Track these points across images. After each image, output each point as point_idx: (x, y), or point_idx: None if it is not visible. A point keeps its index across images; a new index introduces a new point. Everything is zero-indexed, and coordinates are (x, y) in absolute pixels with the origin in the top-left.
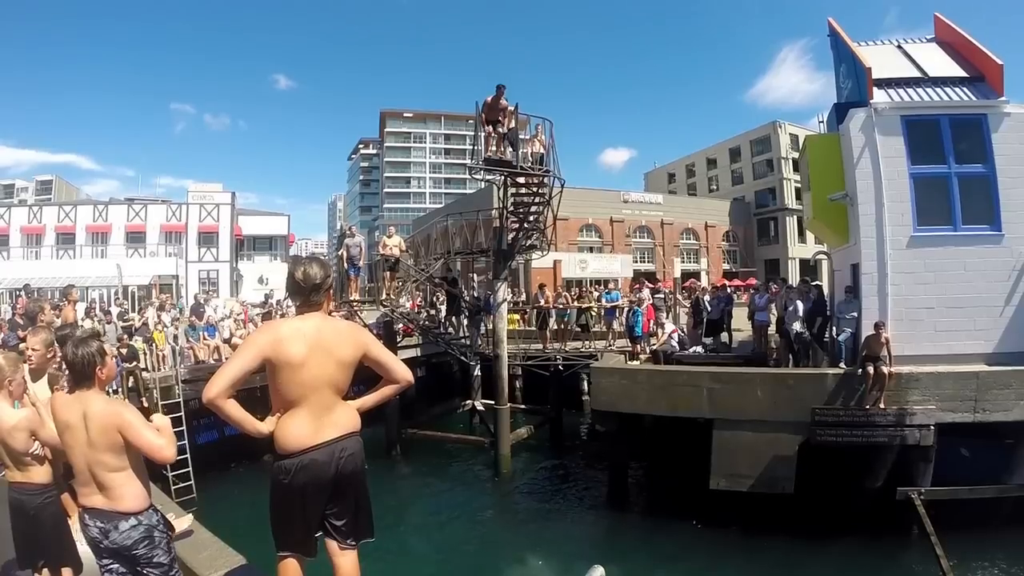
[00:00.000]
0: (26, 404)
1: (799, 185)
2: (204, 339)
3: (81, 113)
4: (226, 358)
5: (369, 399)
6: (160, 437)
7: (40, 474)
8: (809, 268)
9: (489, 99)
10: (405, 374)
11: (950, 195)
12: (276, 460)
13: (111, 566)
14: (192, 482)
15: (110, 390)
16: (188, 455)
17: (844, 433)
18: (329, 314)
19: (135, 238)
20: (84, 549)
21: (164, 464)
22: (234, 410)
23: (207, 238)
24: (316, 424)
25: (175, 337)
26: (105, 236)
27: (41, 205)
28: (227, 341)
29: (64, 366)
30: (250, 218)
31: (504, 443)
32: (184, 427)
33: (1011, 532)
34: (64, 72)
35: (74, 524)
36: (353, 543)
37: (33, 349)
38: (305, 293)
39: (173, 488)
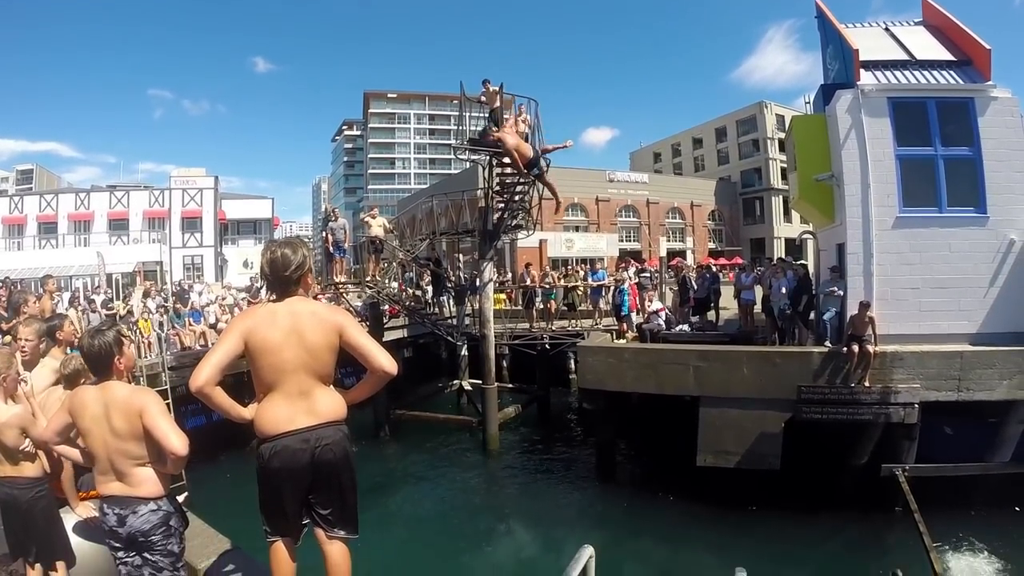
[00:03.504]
0: (20, 399)
1: (785, 165)
2: (189, 325)
3: (59, 100)
4: (212, 344)
5: (356, 392)
6: (175, 428)
7: (31, 468)
8: (795, 248)
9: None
10: (383, 363)
11: (936, 177)
12: (258, 445)
13: (126, 558)
14: (182, 470)
15: None
16: None
17: (829, 411)
18: (314, 297)
19: (118, 225)
20: (77, 541)
21: (174, 456)
22: (221, 397)
23: (191, 223)
24: (291, 410)
25: (160, 324)
26: (87, 224)
27: (22, 195)
28: (213, 326)
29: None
30: (234, 202)
31: (492, 422)
32: (172, 413)
33: (993, 510)
34: (40, 58)
35: (67, 518)
36: (340, 533)
37: (27, 340)
38: (276, 275)
39: None
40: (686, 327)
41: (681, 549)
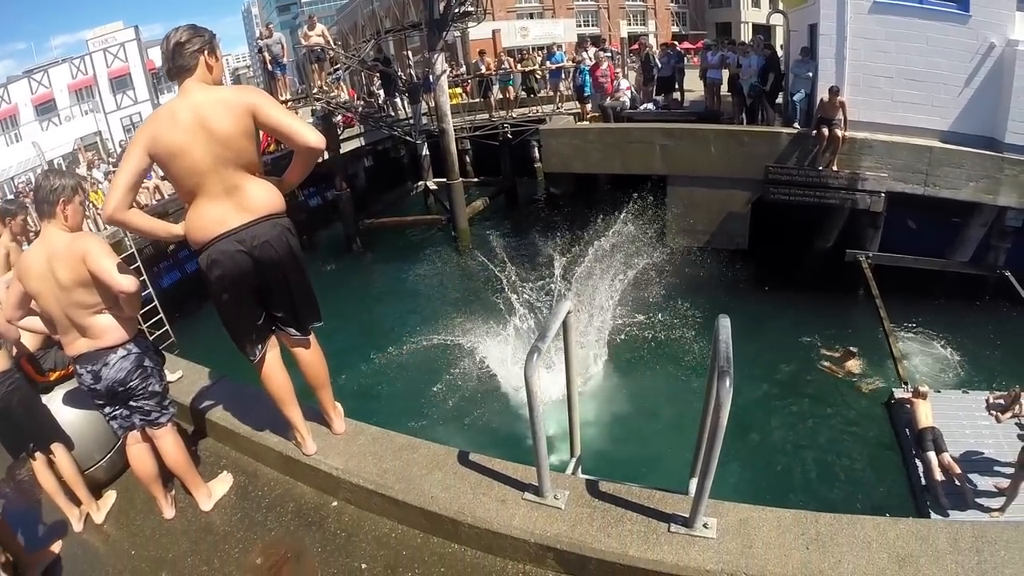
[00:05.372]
0: None
1: None
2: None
3: None
4: (168, 196)
5: (288, 178)
6: (121, 266)
7: None
8: (763, 32)
9: None
10: (308, 137)
11: None
12: (197, 257)
13: (114, 412)
14: (167, 327)
15: None
16: (156, 302)
17: (797, 192)
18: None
19: (45, 109)
20: (70, 416)
21: (123, 295)
22: (140, 219)
23: (120, 83)
24: (219, 210)
25: None
26: (13, 119)
27: None
28: (164, 178)
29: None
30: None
31: (461, 218)
32: (144, 275)
33: (953, 302)
34: None
35: (49, 399)
36: (301, 333)
37: None
38: (169, 59)
39: (151, 338)
40: (651, 106)
41: (655, 321)
